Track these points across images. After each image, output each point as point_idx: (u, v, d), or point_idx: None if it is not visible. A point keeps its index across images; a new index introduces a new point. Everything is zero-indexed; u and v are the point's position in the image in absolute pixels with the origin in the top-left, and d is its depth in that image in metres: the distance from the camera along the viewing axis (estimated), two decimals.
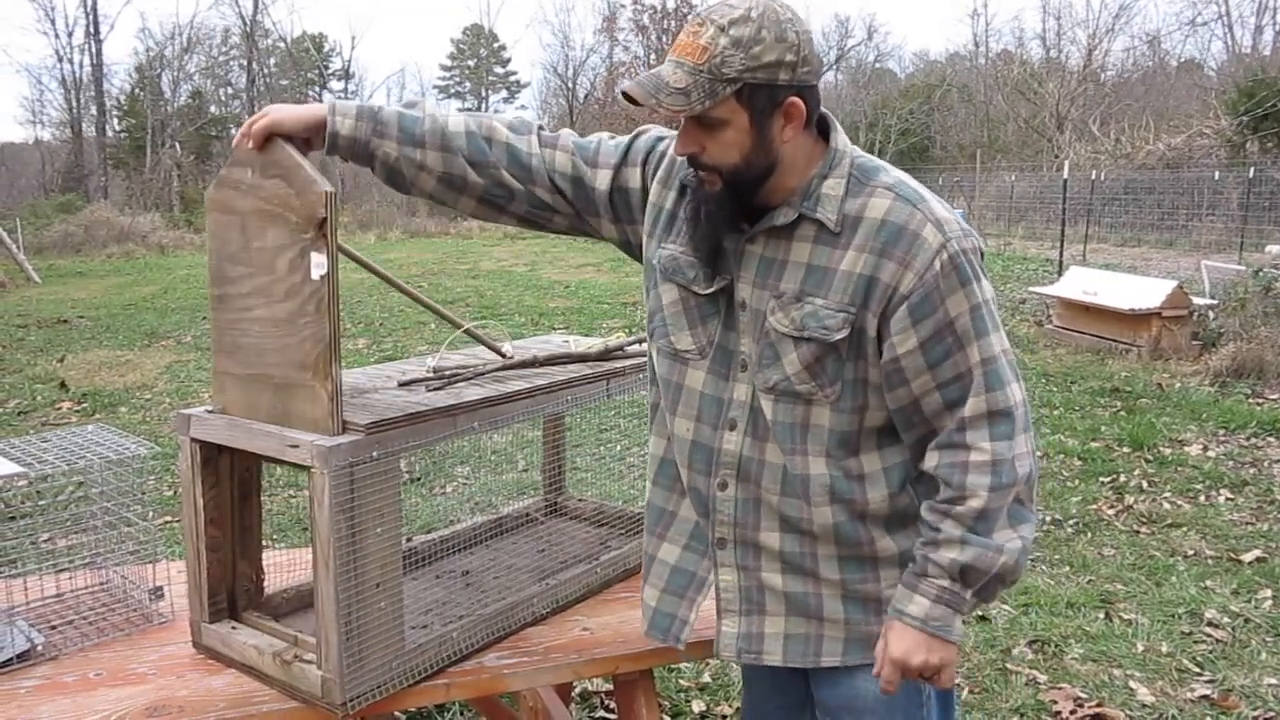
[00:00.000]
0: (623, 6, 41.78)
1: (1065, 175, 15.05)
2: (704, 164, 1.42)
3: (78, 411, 6.76)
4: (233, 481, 1.77)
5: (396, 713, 2.32)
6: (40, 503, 2.04)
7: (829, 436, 1.46)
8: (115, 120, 38.45)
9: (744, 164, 1.39)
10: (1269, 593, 3.73)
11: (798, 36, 1.34)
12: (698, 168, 1.44)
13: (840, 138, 1.46)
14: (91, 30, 35.76)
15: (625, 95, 1.36)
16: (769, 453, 1.49)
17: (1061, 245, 14.66)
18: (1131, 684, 3.08)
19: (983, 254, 1.44)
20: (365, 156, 1.58)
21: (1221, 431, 5.96)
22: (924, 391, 1.41)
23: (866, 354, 1.43)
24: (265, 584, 1.86)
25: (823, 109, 1.46)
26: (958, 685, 3.09)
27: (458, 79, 50.49)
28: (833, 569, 1.51)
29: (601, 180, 1.63)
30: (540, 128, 1.66)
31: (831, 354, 1.42)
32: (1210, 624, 3.49)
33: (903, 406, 1.44)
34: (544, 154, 1.62)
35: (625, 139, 1.67)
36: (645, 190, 1.62)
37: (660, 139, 1.63)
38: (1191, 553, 4.15)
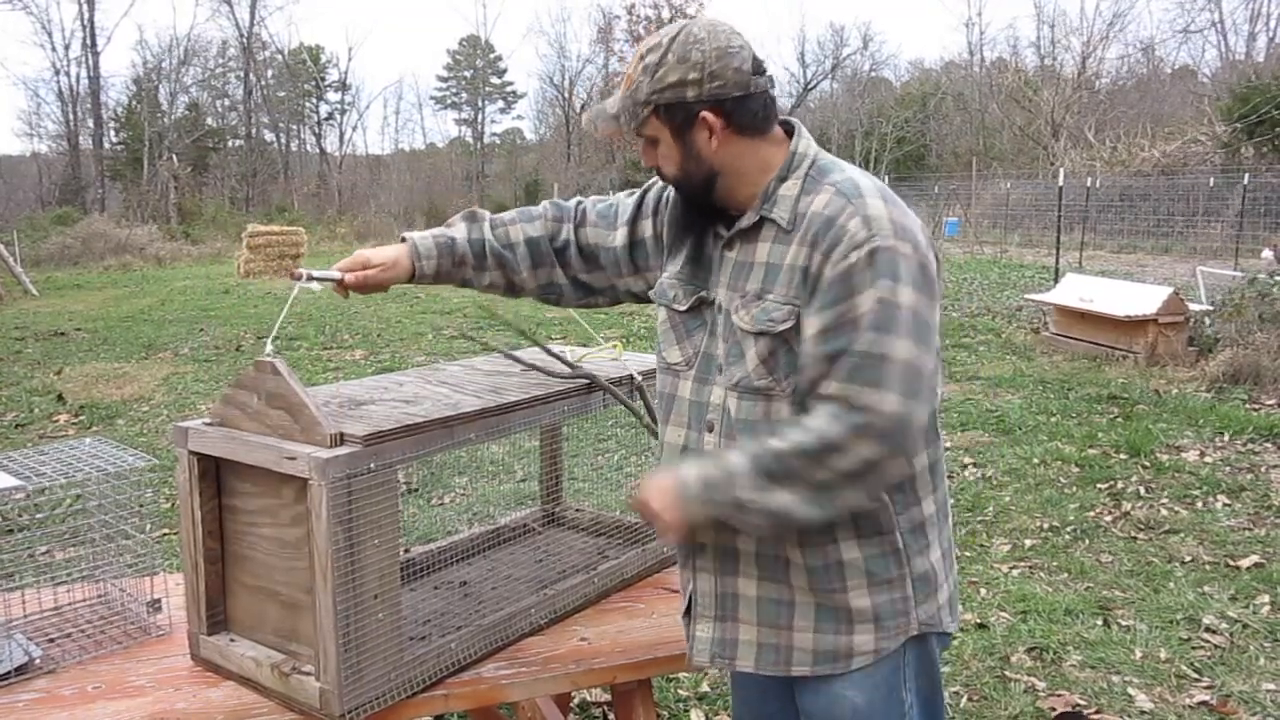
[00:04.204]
0: (618, 18, 41.94)
1: (1061, 182, 15.10)
2: (662, 174, 1.59)
3: (75, 424, 6.75)
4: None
5: None
6: (38, 516, 2.04)
7: None
8: (112, 132, 38.49)
9: (681, 174, 1.53)
10: (1266, 598, 3.73)
11: (703, 55, 1.43)
12: (661, 177, 1.61)
13: (802, 142, 1.53)
14: (88, 43, 35.83)
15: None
16: None
17: (1057, 252, 14.69)
18: (1130, 690, 3.08)
19: (924, 265, 1.39)
20: (448, 282, 1.83)
21: (1218, 437, 5.97)
22: (819, 376, 1.40)
23: None
24: None
25: (788, 117, 1.55)
26: (956, 694, 3.09)
27: (454, 89, 50.59)
28: (801, 575, 1.52)
29: (620, 238, 1.79)
30: (579, 203, 1.86)
31: (782, 346, 1.46)
32: (1208, 630, 3.49)
33: (804, 392, 1.43)
34: (578, 235, 1.82)
35: (639, 193, 1.81)
36: (659, 237, 1.75)
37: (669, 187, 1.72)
38: (1189, 559, 4.16)
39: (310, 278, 1.70)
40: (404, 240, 1.79)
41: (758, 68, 1.47)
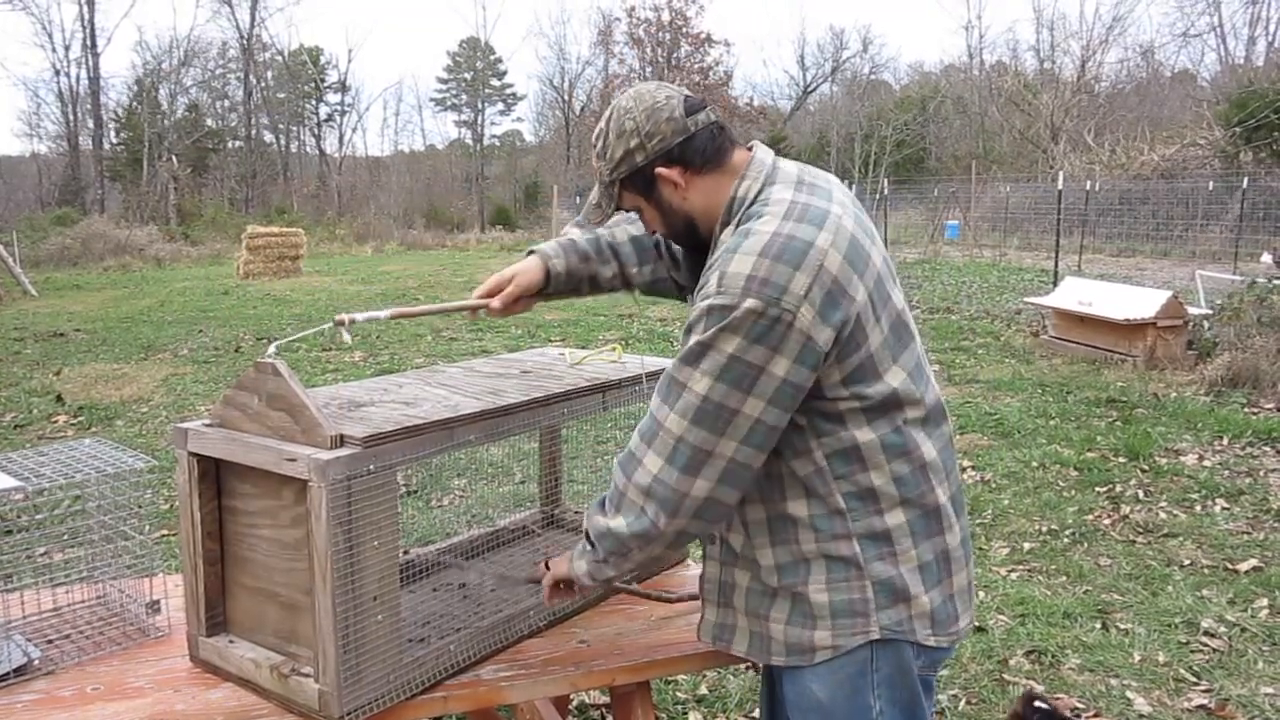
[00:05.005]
0: (618, 20, 42.01)
1: (1060, 186, 15.11)
2: (662, 236, 1.71)
3: (74, 425, 6.75)
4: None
5: None
6: (37, 517, 2.04)
7: None
8: (112, 133, 38.51)
9: (668, 229, 1.66)
10: (1265, 602, 3.74)
11: (635, 122, 1.56)
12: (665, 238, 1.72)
13: (744, 184, 1.57)
14: (88, 44, 35.85)
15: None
16: None
17: (1056, 255, 14.70)
18: (1129, 694, 3.09)
19: (776, 319, 1.40)
20: (579, 281, 1.90)
21: (1217, 441, 5.97)
22: None
23: None
24: None
25: (752, 148, 1.62)
26: (955, 696, 3.09)
27: (454, 91, 50.63)
28: (773, 574, 1.59)
29: None
30: None
31: None
32: (1207, 633, 3.49)
33: None
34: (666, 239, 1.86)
35: None
36: None
37: None
38: (1188, 562, 4.16)
39: (354, 322, 1.71)
40: (530, 253, 1.88)
41: (692, 108, 1.57)
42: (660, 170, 1.57)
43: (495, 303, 1.83)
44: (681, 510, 1.48)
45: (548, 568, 1.75)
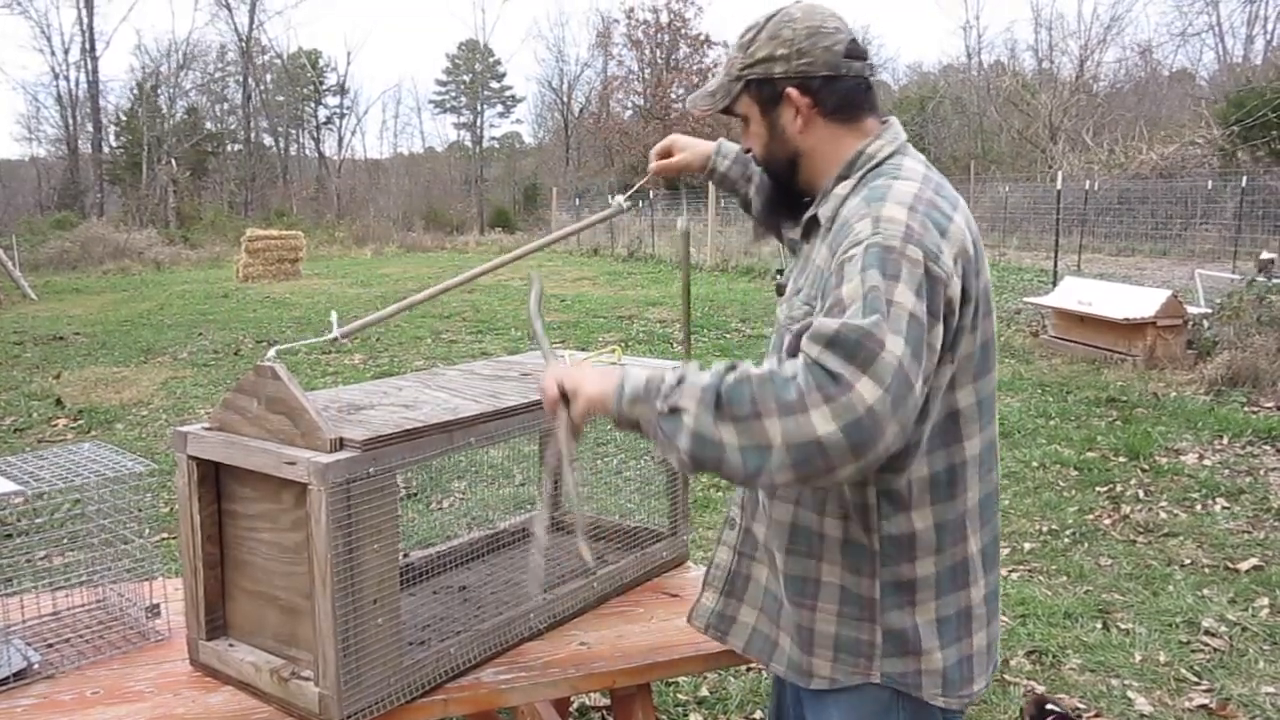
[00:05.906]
0: (616, 22, 42.05)
1: (1059, 185, 15.10)
2: (755, 157, 1.60)
3: (74, 428, 6.74)
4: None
5: None
6: (37, 520, 2.04)
7: None
8: (111, 137, 38.53)
9: (766, 154, 1.55)
10: (1266, 601, 3.73)
11: (793, 33, 1.45)
12: (754, 160, 1.62)
13: (877, 143, 1.47)
14: (87, 47, 35.87)
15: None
16: None
17: (1056, 255, 14.68)
18: (1130, 694, 3.08)
19: (933, 277, 1.26)
20: (731, 190, 1.98)
21: (1217, 440, 5.97)
22: (801, 338, 1.26)
23: None
24: None
25: (889, 116, 1.53)
26: None
27: (453, 93, 50.63)
28: (784, 581, 1.52)
29: None
30: None
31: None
32: (1208, 633, 3.49)
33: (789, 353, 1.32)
34: None
35: None
36: None
37: None
38: (1188, 562, 4.16)
39: (346, 335, 1.75)
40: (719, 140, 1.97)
41: (854, 52, 1.46)
42: (790, 91, 1.46)
43: (654, 166, 1.98)
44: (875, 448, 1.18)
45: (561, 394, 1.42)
